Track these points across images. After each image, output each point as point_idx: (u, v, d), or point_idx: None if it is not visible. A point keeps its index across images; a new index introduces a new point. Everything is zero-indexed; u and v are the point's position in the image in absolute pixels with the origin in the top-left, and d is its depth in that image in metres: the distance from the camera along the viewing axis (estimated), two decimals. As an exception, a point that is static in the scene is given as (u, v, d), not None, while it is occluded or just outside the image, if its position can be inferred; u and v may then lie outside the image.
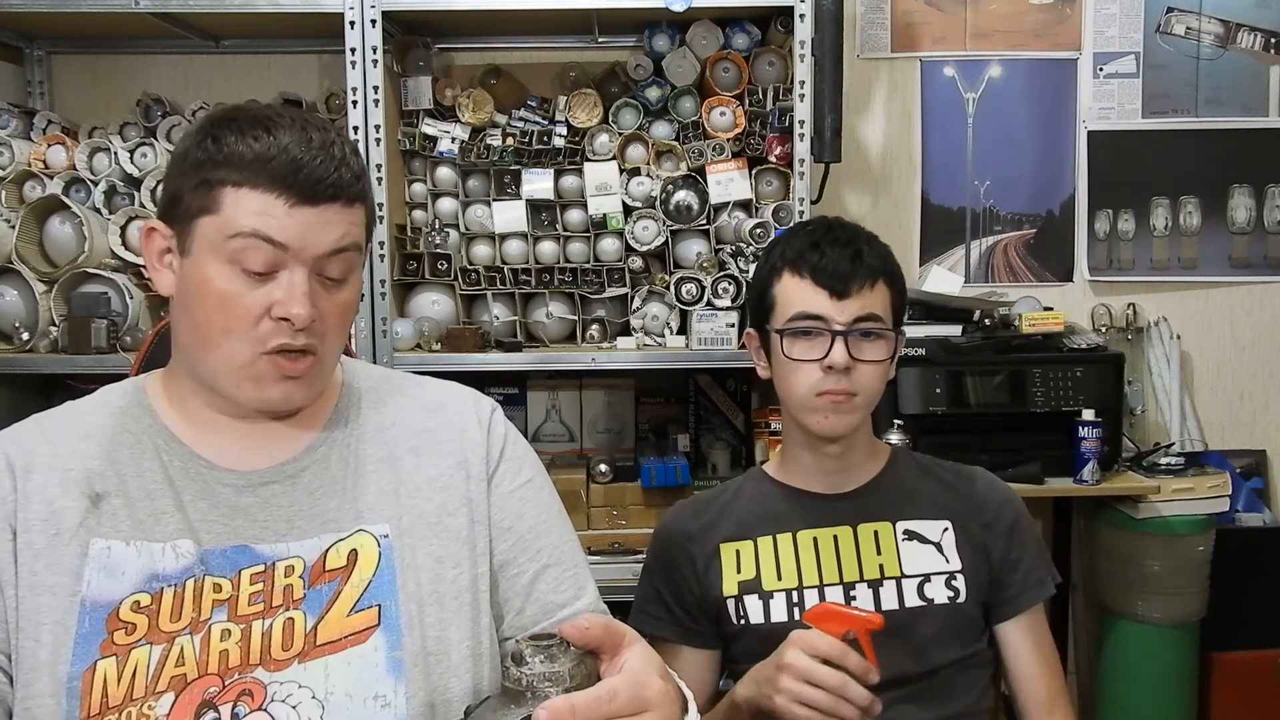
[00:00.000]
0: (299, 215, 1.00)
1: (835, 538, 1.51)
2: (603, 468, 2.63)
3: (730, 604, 1.51)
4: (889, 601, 1.48)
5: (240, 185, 1.00)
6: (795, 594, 1.49)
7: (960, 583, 1.49)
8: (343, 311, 1.07)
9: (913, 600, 1.48)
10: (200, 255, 1.02)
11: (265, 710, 0.98)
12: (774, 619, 1.49)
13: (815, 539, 1.52)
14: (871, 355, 1.46)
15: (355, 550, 1.06)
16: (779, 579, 1.50)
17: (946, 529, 1.52)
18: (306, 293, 1.01)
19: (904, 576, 1.49)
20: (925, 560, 1.50)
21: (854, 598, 1.48)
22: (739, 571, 1.52)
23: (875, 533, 1.52)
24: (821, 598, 1.48)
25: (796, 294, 1.48)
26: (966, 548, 1.51)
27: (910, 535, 1.52)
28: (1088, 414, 2.58)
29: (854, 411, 1.48)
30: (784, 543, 1.52)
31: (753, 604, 1.50)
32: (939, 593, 1.48)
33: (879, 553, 1.50)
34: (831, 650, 1.25)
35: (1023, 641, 1.54)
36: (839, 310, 1.45)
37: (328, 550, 1.06)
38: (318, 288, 1.04)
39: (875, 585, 1.48)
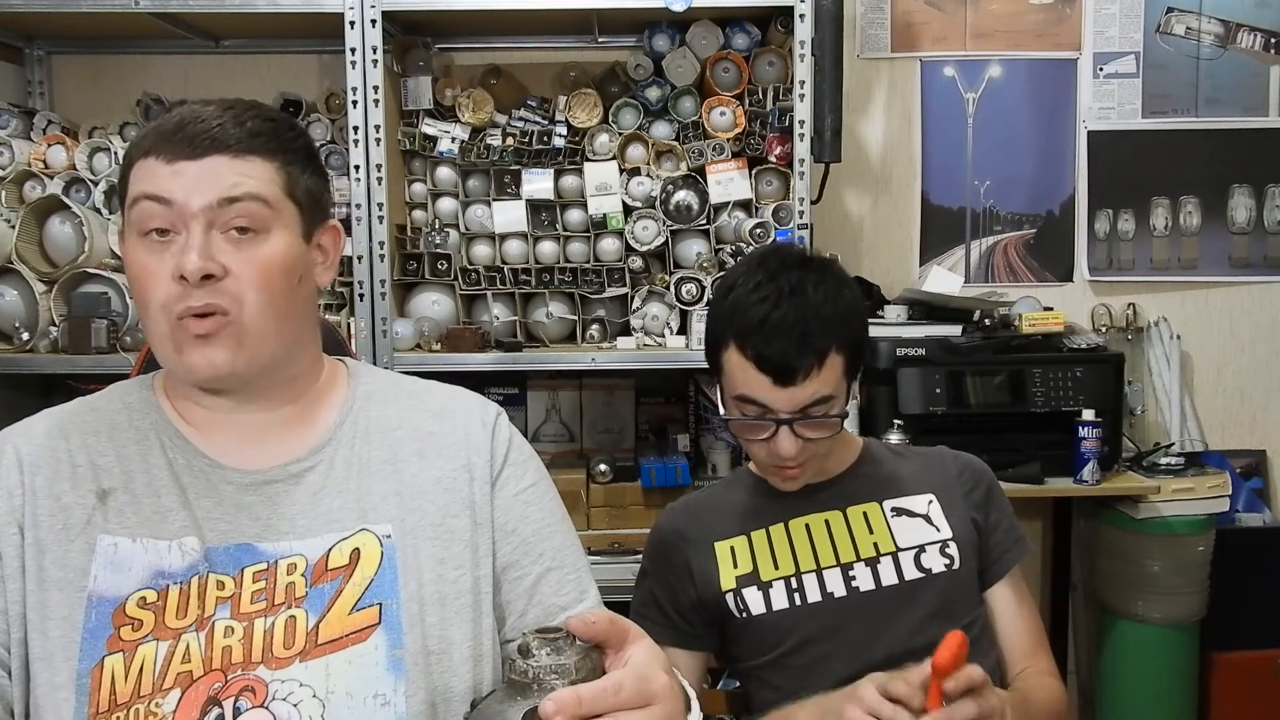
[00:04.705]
0: (179, 169, 1.02)
1: (827, 522, 1.54)
2: (603, 468, 2.62)
3: (730, 598, 1.52)
4: (888, 577, 1.50)
5: (136, 160, 1.04)
6: (794, 580, 1.51)
7: (954, 550, 1.52)
8: (261, 269, 1.04)
9: (911, 573, 1.50)
10: (127, 239, 1.06)
11: (266, 708, 0.98)
12: (775, 607, 1.50)
13: (807, 525, 1.54)
14: (819, 434, 1.45)
15: (358, 549, 1.07)
16: (776, 568, 1.52)
17: (931, 501, 1.55)
18: (199, 246, 1.00)
19: (899, 550, 1.51)
20: (917, 532, 1.53)
21: (853, 578, 1.49)
22: (735, 566, 1.54)
23: (865, 513, 1.54)
24: (820, 581, 1.50)
25: (740, 374, 1.44)
26: (953, 516, 1.54)
27: (899, 511, 1.54)
28: (1088, 414, 2.58)
29: (811, 468, 1.51)
30: (777, 533, 1.54)
31: (752, 596, 1.51)
32: (935, 562, 1.51)
33: (871, 531, 1.52)
34: (906, 694, 1.20)
35: (1005, 600, 1.56)
36: (785, 399, 1.42)
37: (330, 549, 1.06)
38: (223, 243, 1.02)
39: (872, 563, 1.50)
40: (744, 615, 1.51)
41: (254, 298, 1.03)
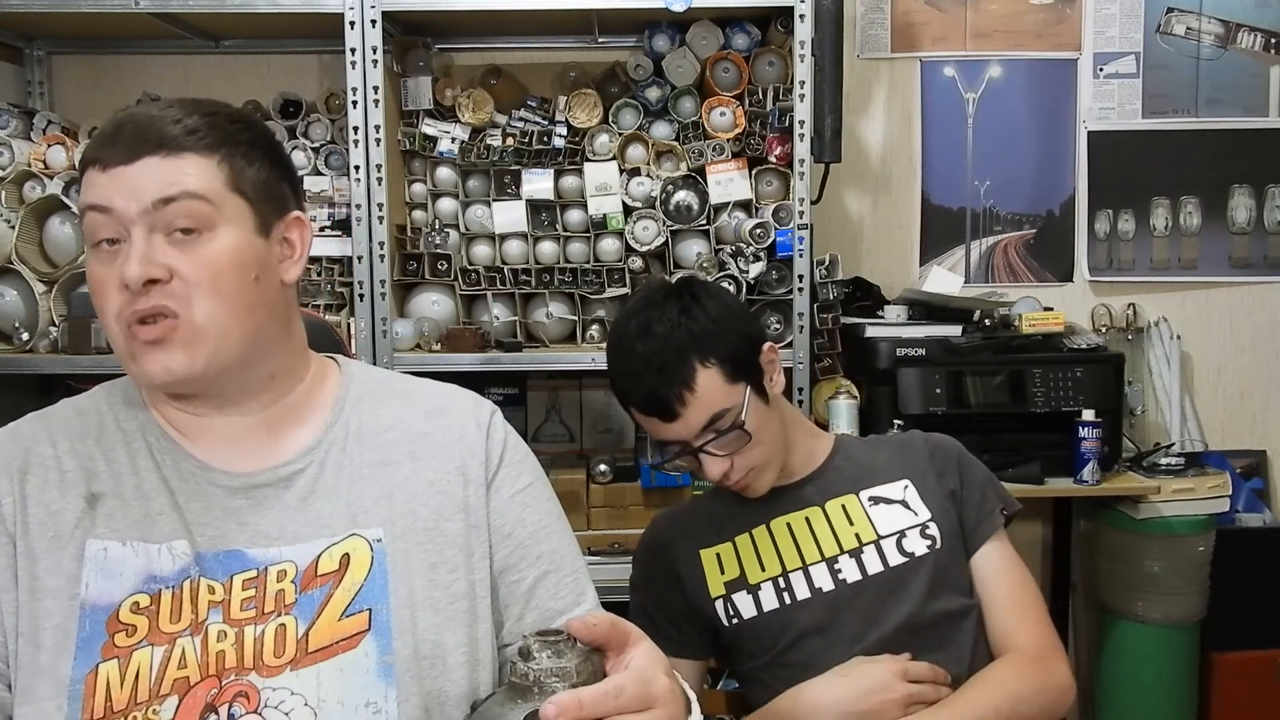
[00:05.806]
0: (115, 174, 1.00)
1: (807, 519, 1.55)
2: (603, 468, 2.62)
3: (719, 604, 1.53)
4: (873, 565, 1.50)
5: (84, 172, 1.03)
6: (781, 580, 1.52)
7: (934, 530, 1.52)
8: (209, 269, 1.00)
9: (895, 559, 1.51)
10: (87, 252, 1.05)
11: (260, 715, 0.97)
12: (766, 609, 1.51)
13: (789, 524, 1.55)
14: (735, 447, 1.47)
15: (347, 554, 1.05)
16: (763, 570, 1.53)
17: (907, 486, 1.57)
18: (140, 253, 0.99)
19: (880, 538, 1.52)
20: (896, 518, 1.54)
21: (839, 570, 1.50)
22: (723, 572, 1.55)
23: (843, 506, 1.55)
24: (807, 578, 1.51)
25: (643, 422, 1.52)
26: (929, 497, 1.55)
27: (876, 500, 1.56)
28: (1088, 414, 2.58)
29: (762, 475, 1.52)
30: (760, 535, 1.55)
31: (742, 600, 1.52)
32: (917, 545, 1.51)
33: (851, 523, 1.54)
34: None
35: (985, 571, 1.55)
36: (681, 430, 1.46)
37: (320, 554, 1.04)
38: (167, 246, 1.00)
39: (856, 554, 1.51)
40: (735, 621, 1.52)
41: (202, 298, 1.00)
